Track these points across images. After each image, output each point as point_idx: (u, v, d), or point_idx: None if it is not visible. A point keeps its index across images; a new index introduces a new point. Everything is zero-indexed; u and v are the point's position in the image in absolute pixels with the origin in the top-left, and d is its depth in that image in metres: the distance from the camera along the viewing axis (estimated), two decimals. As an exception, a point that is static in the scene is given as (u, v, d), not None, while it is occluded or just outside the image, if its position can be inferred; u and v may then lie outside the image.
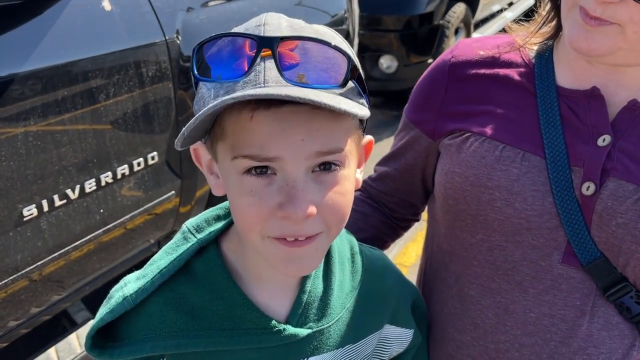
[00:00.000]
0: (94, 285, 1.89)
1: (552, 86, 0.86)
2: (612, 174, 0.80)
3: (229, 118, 0.63)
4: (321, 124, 0.62)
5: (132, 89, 1.72)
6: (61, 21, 1.54)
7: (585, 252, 0.81)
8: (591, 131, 0.83)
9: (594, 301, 0.83)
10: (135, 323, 0.72)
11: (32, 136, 1.48)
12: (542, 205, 0.82)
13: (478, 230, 0.88)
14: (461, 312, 0.93)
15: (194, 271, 0.74)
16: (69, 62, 1.54)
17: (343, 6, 2.82)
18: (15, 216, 1.49)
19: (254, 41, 0.61)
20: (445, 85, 0.95)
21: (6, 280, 1.53)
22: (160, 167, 1.89)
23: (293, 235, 0.64)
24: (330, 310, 0.78)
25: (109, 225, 1.76)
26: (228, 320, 0.72)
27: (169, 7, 1.85)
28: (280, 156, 0.61)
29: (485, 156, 0.86)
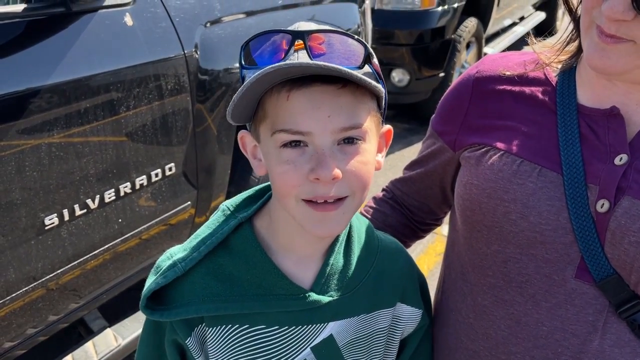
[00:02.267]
0: (111, 293, 1.92)
1: (572, 104, 0.88)
2: (627, 192, 0.81)
3: (269, 100, 0.76)
4: (345, 102, 0.74)
5: (151, 102, 1.76)
6: (85, 36, 1.59)
7: (599, 268, 0.82)
8: (609, 150, 0.84)
9: (607, 318, 0.83)
10: (181, 289, 0.84)
11: (55, 147, 1.52)
12: (557, 220, 0.84)
13: (493, 241, 0.90)
14: (474, 321, 0.94)
15: (231, 245, 0.86)
16: (91, 75, 1.58)
17: (357, 20, 2.86)
18: (38, 225, 1.53)
19: (290, 35, 0.75)
20: (468, 99, 0.97)
21: (27, 287, 1.56)
22: (178, 178, 1.93)
23: (323, 197, 0.76)
24: (348, 282, 0.88)
25: (127, 234, 1.79)
26: (260, 287, 0.84)
27: (188, 22, 1.89)
28: (310, 130, 0.74)
29: (502, 170, 0.88)
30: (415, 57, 4.26)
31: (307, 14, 2.57)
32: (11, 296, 1.53)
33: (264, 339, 0.85)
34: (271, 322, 0.84)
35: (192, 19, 1.91)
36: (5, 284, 1.50)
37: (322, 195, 0.76)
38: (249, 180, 2.33)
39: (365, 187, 0.79)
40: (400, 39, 4.25)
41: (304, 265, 0.87)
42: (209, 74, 1.95)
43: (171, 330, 0.86)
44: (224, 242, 0.86)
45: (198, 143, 1.96)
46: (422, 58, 4.29)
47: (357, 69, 0.74)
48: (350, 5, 2.85)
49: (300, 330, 0.85)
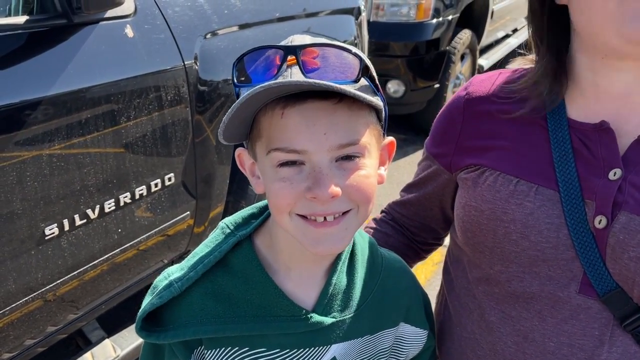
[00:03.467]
0: (110, 304, 1.92)
1: (563, 120, 0.88)
2: (624, 207, 0.81)
3: (264, 118, 0.74)
4: (341, 118, 0.72)
5: (151, 112, 1.77)
6: (86, 47, 1.60)
7: (602, 283, 0.82)
8: (602, 164, 0.84)
9: (612, 331, 0.84)
10: (178, 310, 0.81)
11: (55, 157, 1.52)
12: (557, 237, 0.84)
13: (496, 262, 0.90)
14: (481, 337, 0.94)
15: (231, 264, 0.83)
16: (92, 86, 1.59)
17: (353, 32, 2.89)
18: (38, 235, 1.53)
19: (282, 51, 0.73)
20: (461, 121, 0.98)
21: (26, 298, 1.56)
22: (177, 188, 1.93)
23: (322, 213, 0.73)
24: (352, 302, 0.85)
25: (126, 244, 1.80)
26: (260, 308, 0.81)
27: (188, 33, 1.91)
28: (306, 149, 0.71)
29: (500, 190, 0.88)
30: (410, 68, 4.30)
31: (304, 25, 2.60)
32: (10, 307, 1.53)
33: None
34: (272, 345, 0.81)
35: (191, 30, 1.93)
36: (5, 294, 1.50)
37: (320, 213, 0.73)
38: (247, 190, 2.34)
39: (368, 200, 0.76)
40: (396, 50, 4.29)
41: (306, 285, 0.84)
42: (208, 85, 1.97)
43: (170, 352, 0.84)
44: (223, 261, 0.83)
45: (197, 153, 1.98)
46: (417, 69, 4.33)
47: (353, 82, 0.72)
48: (347, 17, 2.89)
49: (302, 354, 0.83)
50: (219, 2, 2.11)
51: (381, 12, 4.21)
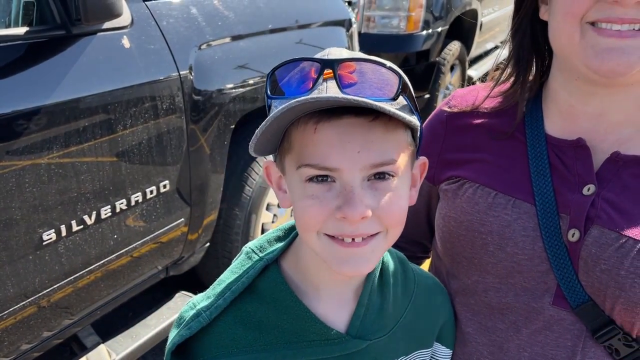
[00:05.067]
0: (105, 309, 1.94)
1: (541, 135, 0.90)
2: (596, 222, 0.83)
3: (296, 132, 0.71)
4: (376, 137, 0.69)
5: (147, 121, 1.81)
6: (84, 57, 1.65)
7: (574, 295, 0.84)
8: (577, 180, 0.86)
9: (584, 342, 0.86)
10: (207, 341, 0.77)
11: (54, 164, 1.56)
12: (532, 249, 0.86)
13: (473, 272, 0.92)
14: (458, 349, 0.96)
15: (259, 289, 0.80)
16: (90, 95, 1.64)
17: (344, 44, 2.95)
18: (36, 240, 1.56)
19: (318, 64, 0.70)
20: (443, 135, 1.00)
21: (23, 302, 1.59)
22: (172, 195, 1.97)
23: (350, 235, 0.71)
24: (386, 322, 0.82)
25: (122, 250, 1.83)
26: (293, 334, 0.78)
27: (183, 44, 1.96)
28: (338, 167, 0.69)
29: (478, 202, 0.91)
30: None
31: (297, 37, 2.65)
32: (8, 311, 1.56)
33: None
34: None
35: (186, 41, 1.98)
36: (3, 298, 1.53)
37: (349, 234, 0.71)
38: (241, 198, 2.39)
39: (399, 223, 0.74)
40: (387, 61, 4.35)
41: (337, 307, 0.80)
42: (202, 95, 2.02)
43: None
44: (251, 287, 0.80)
45: (192, 162, 2.02)
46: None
47: (391, 100, 0.69)
48: (338, 28, 2.95)
49: None
50: (213, 14, 2.16)
51: (372, 23, 4.29)
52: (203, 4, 2.15)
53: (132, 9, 1.82)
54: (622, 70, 0.79)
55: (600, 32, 0.78)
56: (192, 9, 2.08)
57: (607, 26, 0.78)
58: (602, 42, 0.78)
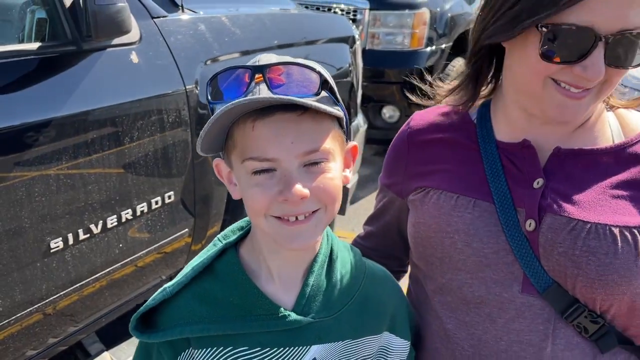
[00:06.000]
0: (109, 317, 1.98)
1: (492, 142, 1.01)
2: (548, 210, 0.93)
3: (237, 131, 0.82)
4: (306, 128, 0.80)
5: (154, 133, 1.87)
6: (94, 72, 1.71)
7: (540, 280, 0.92)
8: (527, 176, 0.97)
9: (555, 324, 0.93)
10: (169, 313, 0.89)
11: (63, 174, 1.61)
12: (497, 243, 0.95)
13: (446, 270, 1.00)
14: (441, 346, 1.03)
15: (217, 270, 0.91)
16: (99, 108, 1.69)
17: (348, 60, 3.01)
18: (44, 248, 1.61)
19: (250, 70, 0.81)
20: (406, 152, 1.10)
21: (31, 308, 1.63)
22: (176, 206, 2.02)
23: (294, 214, 0.82)
24: (331, 304, 0.91)
25: (127, 259, 1.88)
26: (242, 308, 0.87)
27: (189, 60, 2.02)
28: (276, 157, 0.80)
29: (443, 206, 1.00)
30: (405, 94, 4.43)
31: (302, 53, 2.72)
32: (15, 316, 1.60)
33: None
34: (253, 344, 0.86)
35: (192, 57, 2.04)
36: (11, 304, 1.57)
37: (292, 213, 0.82)
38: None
39: (334, 200, 0.85)
40: (391, 77, 4.42)
41: (287, 287, 0.90)
42: (207, 109, 2.07)
43: (158, 355, 0.90)
44: (211, 268, 0.90)
45: (196, 174, 2.07)
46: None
47: (314, 95, 0.81)
48: (342, 45, 3.01)
49: (282, 353, 0.87)
50: (220, 30, 2.22)
51: (377, 40, 4.36)
52: (210, 21, 2.22)
53: (141, 25, 1.88)
54: (573, 121, 0.92)
55: (559, 90, 0.89)
56: (199, 26, 2.15)
57: (566, 87, 0.88)
58: (559, 99, 0.89)
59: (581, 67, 0.85)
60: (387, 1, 4.32)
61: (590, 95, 0.89)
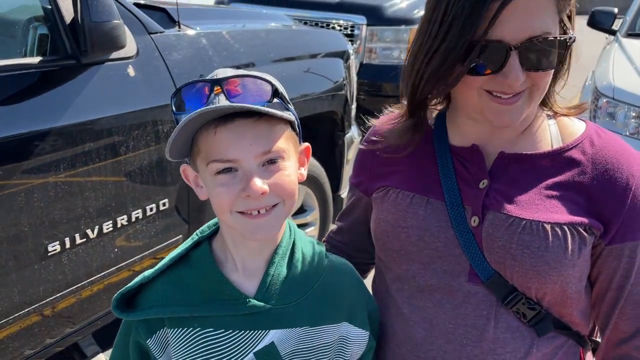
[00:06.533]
0: (105, 320, 2.06)
1: (446, 146, 1.10)
2: (490, 208, 1.03)
3: (201, 137, 0.91)
4: (262, 131, 0.90)
5: (149, 143, 1.96)
6: (93, 84, 1.80)
7: (483, 271, 1.02)
8: (475, 177, 1.06)
9: (497, 310, 1.02)
10: (146, 296, 0.99)
11: (61, 182, 1.70)
12: (446, 237, 1.04)
13: (402, 262, 1.10)
14: (398, 328, 1.12)
15: (191, 259, 1.00)
16: (97, 119, 1.79)
17: (342, 74, 3.10)
18: (42, 251, 1.70)
19: (209, 83, 0.91)
20: (372, 154, 1.19)
21: (28, 309, 1.71)
22: (170, 213, 2.11)
23: (256, 208, 0.92)
24: (290, 293, 0.99)
25: (122, 263, 1.96)
26: (209, 293, 0.97)
27: (185, 74, 2.11)
28: (237, 158, 0.89)
29: (400, 204, 1.10)
30: (402, 108, 4.52)
31: (298, 67, 2.81)
32: (13, 316, 1.68)
33: (212, 341, 0.96)
34: (218, 326, 0.95)
35: (187, 71, 2.13)
36: (10, 305, 1.66)
37: (254, 207, 0.91)
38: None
39: (291, 195, 0.95)
40: (388, 90, 4.51)
41: (249, 276, 0.99)
42: (202, 120, 2.16)
43: (135, 332, 0.99)
44: (186, 257, 1.00)
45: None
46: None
47: (267, 102, 0.91)
48: (337, 60, 3.11)
49: (243, 335, 0.95)
50: (216, 45, 2.32)
51: (374, 55, 4.46)
52: (206, 36, 2.31)
53: (138, 40, 1.98)
54: (511, 124, 1.01)
55: (492, 98, 0.98)
56: (195, 41, 2.25)
57: (497, 94, 0.98)
58: (494, 106, 0.98)
59: (502, 76, 0.94)
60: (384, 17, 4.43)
61: (522, 100, 0.98)
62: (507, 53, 0.92)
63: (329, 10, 4.52)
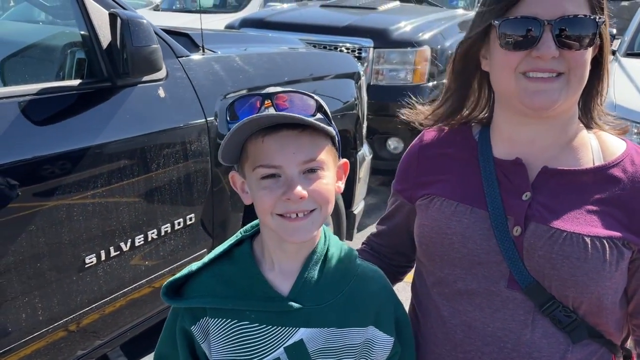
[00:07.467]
0: (134, 331, 2.13)
1: (490, 158, 1.16)
2: (532, 219, 1.09)
3: (250, 145, 1.01)
4: (305, 142, 0.99)
5: (177, 161, 2.06)
6: (127, 105, 1.91)
7: (522, 278, 1.07)
8: (518, 189, 1.12)
9: (534, 316, 1.08)
10: (192, 286, 1.08)
11: (98, 197, 1.80)
12: (488, 245, 1.10)
13: (445, 266, 1.15)
14: (437, 330, 1.18)
15: (234, 255, 1.09)
16: (130, 138, 1.89)
17: (353, 94, 3.22)
18: (79, 263, 1.78)
19: (260, 97, 1.01)
20: (416, 163, 1.27)
21: (66, 319, 1.79)
22: (196, 227, 2.19)
23: (294, 211, 1.00)
24: (321, 295, 1.06)
25: (153, 275, 2.04)
26: (246, 290, 1.05)
27: (210, 94, 2.23)
28: (281, 164, 0.98)
29: (444, 211, 1.16)
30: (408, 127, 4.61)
31: (310, 88, 2.92)
32: (53, 326, 1.76)
33: (247, 334, 1.04)
34: (253, 320, 1.03)
35: (212, 92, 2.25)
36: (50, 314, 1.73)
37: (293, 210, 0.99)
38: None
39: (328, 202, 1.02)
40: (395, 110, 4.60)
41: (285, 277, 1.06)
42: (225, 138, 2.26)
43: (182, 319, 1.08)
44: (230, 254, 1.08)
45: (215, 199, 2.25)
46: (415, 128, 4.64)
47: (311, 116, 0.99)
48: (348, 80, 3.23)
49: (275, 330, 1.03)
50: (236, 68, 2.45)
51: (381, 76, 4.58)
52: (228, 59, 2.44)
53: (167, 64, 2.09)
54: (547, 106, 1.05)
55: (529, 80, 1.05)
56: (218, 64, 2.36)
57: (533, 75, 1.05)
58: (531, 86, 1.05)
59: (536, 50, 1.01)
60: (390, 40, 4.55)
61: (559, 83, 1.03)
62: (542, 28, 1.00)
63: (337, 34, 4.65)
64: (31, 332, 1.70)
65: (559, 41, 1.01)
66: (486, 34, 1.11)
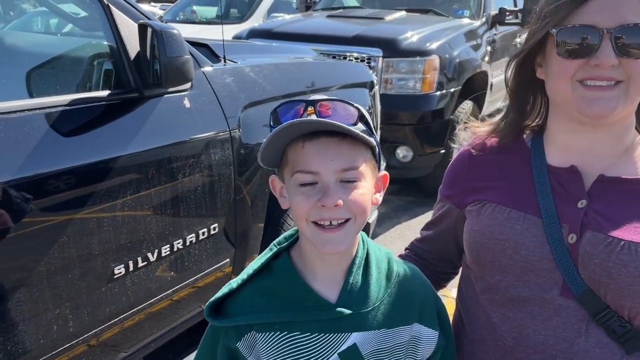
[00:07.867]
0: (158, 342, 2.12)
1: (543, 165, 1.16)
2: (588, 227, 1.08)
3: (290, 150, 1.02)
4: (344, 150, 0.99)
5: (202, 170, 2.06)
6: (154, 115, 1.92)
7: (576, 286, 1.06)
8: (573, 197, 1.11)
9: (587, 325, 1.07)
10: (234, 303, 1.07)
11: (127, 208, 1.80)
12: (541, 252, 1.09)
13: (496, 273, 1.15)
14: (487, 336, 1.17)
15: (273, 269, 1.09)
16: (157, 148, 1.90)
17: (367, 103, 3.24)
18: (108, 274, 1.78)
19: (304, 103, 1.01)
20: (466, 169, 1.26)
21: (96, 330, 1.78)
22: (219, 237, 2.19)
23: (328, 218, 1.00)
24: (368, 299, 1.07)
25: (178, 285, 2.04)
26: (294, 301, 1.05)
27: (233, 105, 2.24)
28: (318, 170, 0.99)
29: (497, 217, 1.15)
30: (417, 135, 4.64)
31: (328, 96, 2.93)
32: (83, 337, 1.75)
33: (300, 344, 1.03)
34: (304, 330, 1.03)
35: (235, 102, 2.26)
36: (80, 325, 1.73)
37: (327, 218, 0.99)
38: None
39: (363, 212, 1.02)
40: (404, 119, 4.64)
41: (329, 285, 1.06)
42: (248, 149, 2.27)
43: (225, 336, 1.07)
44: (268, 268, 1.08)
45: (238, 209, 2.25)
46: (424, 136, 4.66)
47: (352, 125, 0.99)
48: (362, 89, 3.25)
49: (327, 338, 1.03)
50: (258, 78, 2.45)
51: (390, 85, 4.60)
52: (248, 70, 2.45)
53: (192, 74, 2.10)
54: (605, 114, 1.05)
55: (587, 88, 1.06)
56: (240, 75, 2.38)
57: (591, 83, 1.05)
58: (589, 94, 1.05)
59: (595, 58, 1.01)
60: (399, 49, 4.58)
61: (618, 91, 1.03)
62: (601, 36, 1.00)
63: (345, 43, 4.68)
64: (61, 344, 1.69)
65: (618, 49, 1.01)
66: (542, 42, 1.11)
